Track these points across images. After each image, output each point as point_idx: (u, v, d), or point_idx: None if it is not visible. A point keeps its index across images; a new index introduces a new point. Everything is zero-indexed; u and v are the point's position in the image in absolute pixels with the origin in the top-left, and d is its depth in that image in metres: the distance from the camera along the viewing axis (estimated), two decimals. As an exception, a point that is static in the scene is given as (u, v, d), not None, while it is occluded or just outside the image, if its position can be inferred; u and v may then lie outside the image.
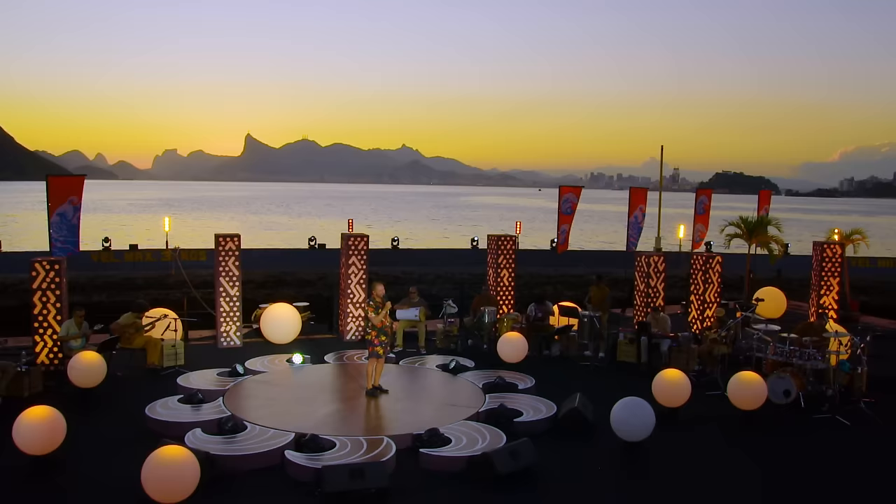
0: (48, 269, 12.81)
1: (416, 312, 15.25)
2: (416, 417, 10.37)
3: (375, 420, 10.52)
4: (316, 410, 10.55)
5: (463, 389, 11.85)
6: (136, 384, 12.29)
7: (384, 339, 11.29)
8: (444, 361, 13.39)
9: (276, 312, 15.31)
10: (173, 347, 13.29)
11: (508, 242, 17.07)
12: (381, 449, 8.95)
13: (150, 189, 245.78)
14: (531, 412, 10.53)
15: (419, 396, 11.77)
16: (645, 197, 20.55)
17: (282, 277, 31.66)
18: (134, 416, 10.34)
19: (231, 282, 15.04)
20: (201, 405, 10.62)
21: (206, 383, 11.71)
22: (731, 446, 9.93)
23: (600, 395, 11.24)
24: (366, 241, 15.82)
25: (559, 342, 15.12)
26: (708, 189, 21.28)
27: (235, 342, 15.10)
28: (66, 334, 12.33)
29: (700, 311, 16.50)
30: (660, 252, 16.91)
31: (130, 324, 13.00)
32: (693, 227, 21.02)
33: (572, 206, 18.94)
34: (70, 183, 14.71)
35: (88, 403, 11.15)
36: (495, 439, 9.35)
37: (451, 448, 9.10)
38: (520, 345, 13.55)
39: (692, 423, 10.73)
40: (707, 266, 16.43)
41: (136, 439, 9.30)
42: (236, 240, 15.11)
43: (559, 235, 18.65)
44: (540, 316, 15.26)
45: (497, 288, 16.89)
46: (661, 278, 16.79)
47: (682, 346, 14.01)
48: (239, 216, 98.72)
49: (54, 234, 14.42)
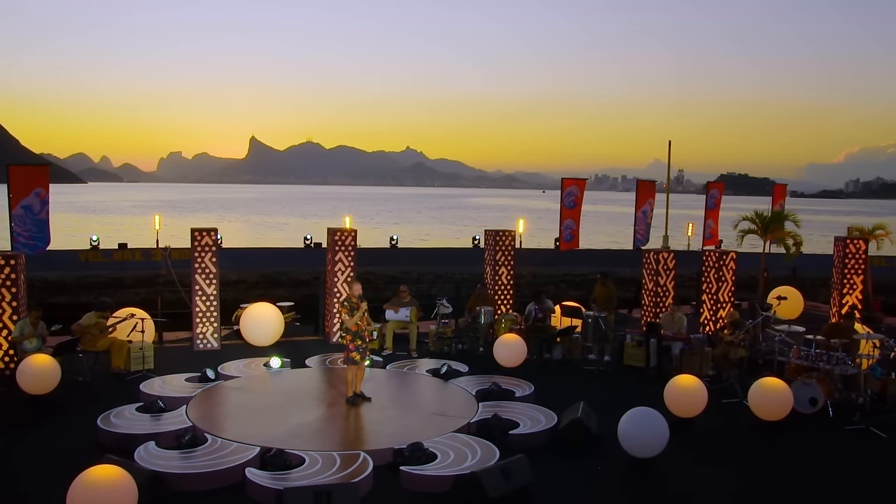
0: (3, 265, 11.77)
1: (406, 313, 14.16)
2: (398, 429, 9.26)
3: (353, 432, 9.41)
4: (288, 421, 9.44)
5: (454, 397, 10.75)
6: (95, 390, 11.23)
7: (360, 343, 10.18)
8: (435, 366, 12.31)
9: (256, 312, 14.23)
10: (140, 350, 12.23)
11: (507, 238, 15.97)
12: (357, 466, 7.86)
13: (155, 191, 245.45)
14: (528, 423, 9.42)
15: (404, 405, 10.64)
16: (653, 190, 19.46)
17: (276, 278, 30.68)
18: (85, 428, 9.26)
19: (208, 279, 13.94)
20: (161, 415, 9.55)
21: (171, 390, 10.64)
22: (754, 462, 8.81)
23: (606, 404, 10.18)
24: (353, 235, 14.72)
25: (561, 345, 14.01)
26: (720, 183, 20.16)
27: (213, 344, 14.02)
28: (21, 335, 11.28)
29: (713, 311, 15.38)
30: (668, 250, 15.83)
31: (93, 324, 11.91)
32: (703, 224, 19.93)
33: (575, 199, 17.84)
34: (34, 173, 13.67)
35: (38, 412, 10.09)
36: (487, 455, 8.25)
37: (435, 465, 8.00)
38: (518, 348, 12.44)
39: (709, 436, 9.62)
40: (720, 263, 15.31)
41: (80, 455, 8.18)
42: (213, 234, 14.02)
43: (562, 230, 17.56)
44: (540, 316, 14.15)
45: (494, 286, 15.79)
46: (671, 276, 15.69)
47: (695, 348, 12.90)
48: (241, 217, 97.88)
49: (17, 228, 13.38)
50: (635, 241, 19.28)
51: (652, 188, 19.42)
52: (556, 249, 35.21)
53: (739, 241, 20.20)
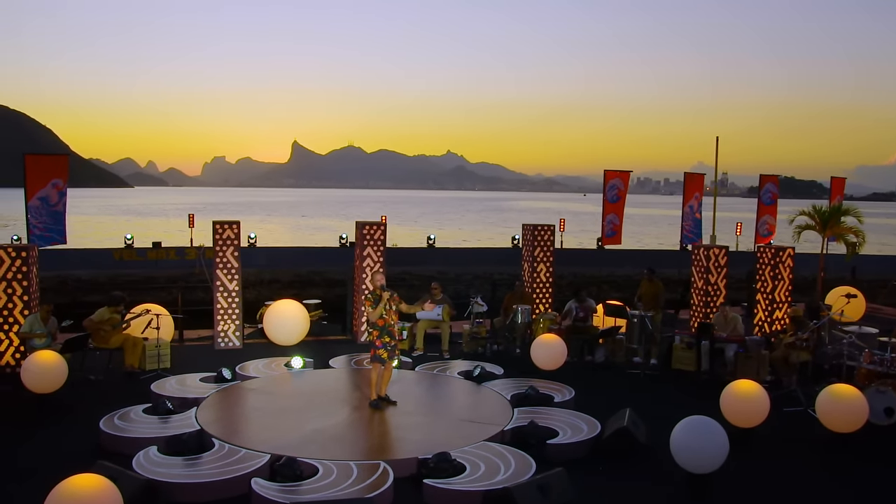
0: (14, 258, 11.21)
1: (438, 311, 13.29)
2: (424, 437, 8.42)
3: (374, 439, 8.57)
4: (304, 426, 8.65)
5: (487, 402, 9.86)
6: (106, 390, 10.58)
7: (388, 340, 9.35)
8: (468, 368, 11.44)
9: (280, 310, 13.50)
10: (156, 348, 11.58)
11: (546, 233, 15.03)
12: (376, 478, 7.03)
13: (198, 195, 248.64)
14: (569, 432, 8.49)
15: (432, 410, 9.78)
16: (701, 184, 18.33)
17: (310, 277, 30.14)
18: (90, 429, 8.58)
19: (230, 275, 13.27)
20: (169, 417, 8.84)
21: (183, 390, 9.94)
22: (824, 478, 7.79)
23: (654, 412, 9.27)
24: (383, 230, 13.93)
25: (604, 346, 13.03)
26: (774, 176, 19.01)
27: (234, 343, 13.35)
28: (30, 330, 10.70)
29: (768, 311, 14.24)
30: (720, 246, 14.76)
31: (105, 319, 11.28)
32: (757, 220, 18.76)
33: (618, 192, 16.82)
34: (52, 162, 13.15)
35: (43, 412, 9.47)
36: (522, 468, 7.34)
37: (463, 478, 7.12)
38: (557, 349, 11.50)
39: (771, 449, 8.59)
40: (776, 260, 14.17)
41: (77, 459, 7.48)
42: (235, 227, 13.34)
43: (604, 225, 16.56)
44: (581, 315, 13.18)
45: (533, 284, 14.86)
46: (723, 274, 14.57)
47: (751, 351, 11.85)
48: (282, 218, 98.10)
49: (33, 220, 12.85)
50: (682, 237, 18.18)
51: (700, 182, 18.30)
52: (599, 249, 34.13)
53: (796, 237, 18.96)
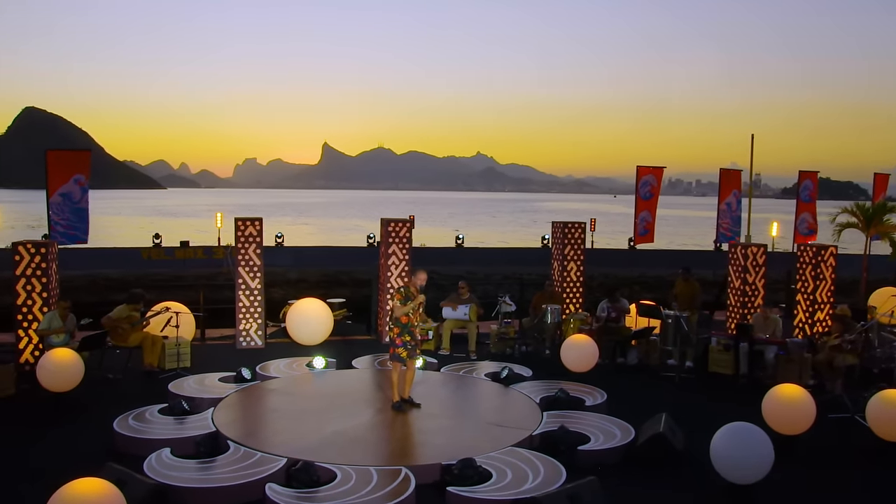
0: (33, 254, 11.04)
1: (465, 311, 12.91)
2: (448, 441, 8.02)
3: (395, 443, 8.18)
4: (323, 428, 8.28)
5: (515, 405, 9.44)
6: (123, 389, 10.34)
7: (408, 339, 8.96)
8: (495, 369, 11.02)
9: (303, 309, 13.19)
10: (176, 346, 11.33)
11: (577, 230, 14.56)
12: (397, 484, 6.65)
13: (230, 196, 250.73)
14: (601, 437, 8.03)
15: (458, 413, 9.37)
16: (739, 180, 17.68)
17: (337, 277, 29.87)
18: (102, 430, 8.31)
19: (252, 273, 13.00)
20: (185, 417, 8.54)
21: (201, 390, 9.65)
22: (876, 490, 7.25)
23: (690, 417, 8.82)
24: (408, 227, 13.58)
25: (637, 348, 12.55)
26: (813, 172, 18.31)
27: (257, 342, 13.07)
28: (48, 327, 10.50)
29: (809, 313, 13.65)
30: (758, 244, 14.18)
31: (124, 317, 11.06)
32: (796, 218, 18.09)
33: (651, 189, 16.25)
34: (74, 158, 12.94)
35: (59, 411, 9.27)
36: (551, 475, 6.91)
37: (489, 486, 6.71)
38: (588, 350, 11.05)
39: (818, 457, 8.06)
40: (818, 259, 13.58)
41: (88, 461, 7.18)
42: (258, 224, 13.06)
43: (637, 223, 16.03)
44: (613, 316, 12.70)
45: (563, 283, 14.40)
46: (761, 273, 13.99)
47: (793, 354, 11.29)
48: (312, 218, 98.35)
49: (55, 217, 12.66)
50: (719, 235, 17.56)
51: (737, 178, 17.65)
52: (630, 249, 33.47)
53: (836, 236, 18.27)
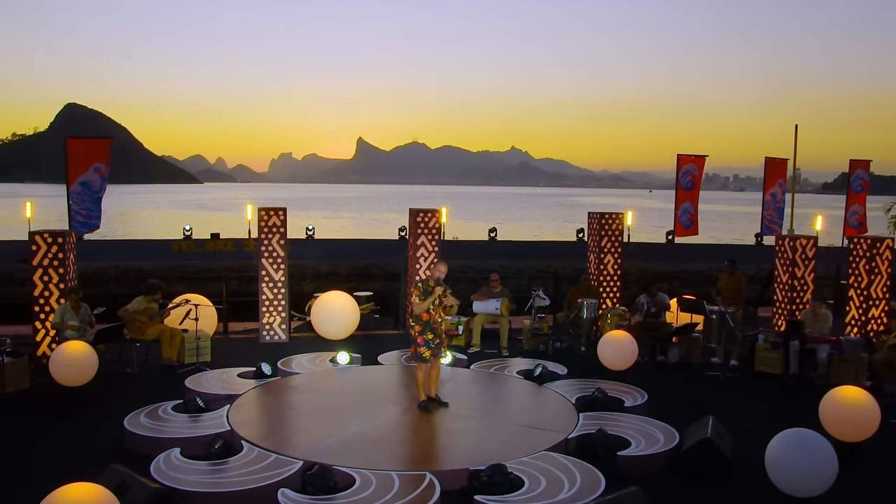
0: (50, 244, 10.71)
1: (496, 305, 12.31)
2: (477, 444, 7.45)
3: (420, 446, 7.64)
4: (343, 428, 7.77)
5: (548, 405, 8.84)
6: (140, 384, 9.97)
7: (432, 337, 8.39)
8: (528, 366, 10.43)
9: (329, 302, 12.73)
10: (196, 340, 10.92)
11: (614, 222, 13.91)
12: (420, 492, 6.12)
13: (266, 190, 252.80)
14: (642, 442, 7.41)
15: (487, 413, 8.75)
16: (785, 169, 16.82)
17: (368, 270, 29.49)
18: (113, 427, 7.90)
19: (275, 264, 12.57)
20: (200, 415, 8.10)
21: (218, 386, 9.21)
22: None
23: (737, 419, 8.18)
24: (437, 217, 13.04)
25: (678, 345, 11.87)
26: (866, 161, 17.38)
27: (280, 336, 12.65)
28: (61, 321, 10.15)
29: (862, 310, 12.83)
30: (808, 236, 13.40)
31: (142, 310, 10.67)
32: (846, 210, 17.19)
33: (693, 178, 15.49)
34: (94, 146, 12.63)
35: (72, 405, 8.91)
36: (589, 484, 6.32)
37: (521, 496, 6.13)
38: (627, 347, 10.41)
39: (882, 467, 7.36)
40: (873, 252, 12.75)
41: (92, 461, 6.78)
42: (281, 214, 12.62)
43: (678, 216, 15.29)
44: (653, 311, 12.02)
45: (599, 277, 13.75)
46: (811, 267, 13.19)
47: (848, 353, 10.55)
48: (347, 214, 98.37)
49: (75, 206, 12.36)
50: (763, 227, 16.74)
51: (783, 167, 16.78)
52: (668, 243, 32.58)
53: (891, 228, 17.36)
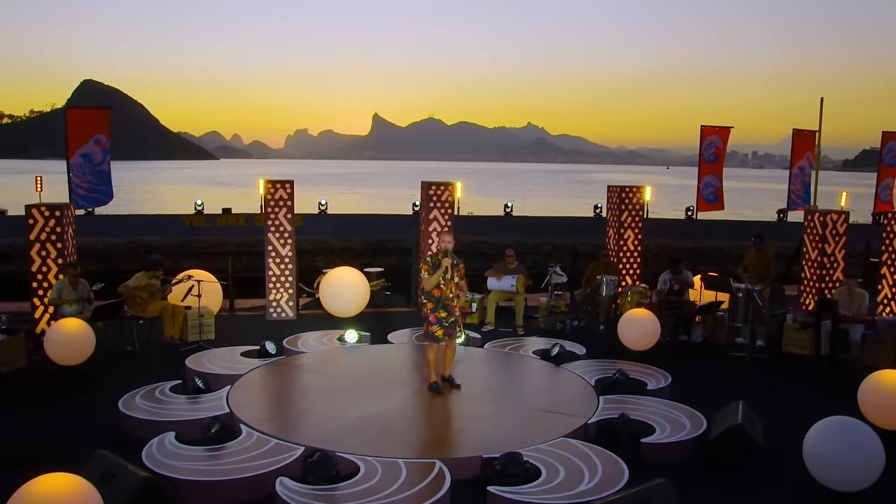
0: (48, 217, 10.32)
1: (512, 281, 11.82)
2: (491, 430, 6.99)
3: (430, 431, 7.20)
4: (348, 412, 7.33)
5: (566, 387, 8.37)
6: (139, 363, 9.59)
7: (445, 315, 7.90)
8: (545, 346, 9.96)
9: (338, 278, 12.28)
10: (199, 317, 10.52)
11: (635, 195, 13.34)
12: (429, 481, 5.68)
13: (282, 167, 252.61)
14: (668, 428, 6.92)
15: (502, 396, 8.27)
16: (812, 142, 16.11)
17: (383, 245, 29.07)
18: (108, 409, 7.51)
19: (282, 239, 12.14)
20: (199, 396, 7.70)
21: (219, 366, 8.80)
22: None
23: (767, 404, 7.72)
24: (451, 190, 12.53)
25: (702, 324, 11.35)
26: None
27: (288, 313, 12.24)
28: (58, 296, 9.76)
29: (896, 287, 12.26)
30: (839, 211, 12.81)
31: (143, 286, 10.27)
32: (877, 185, 16.50)
33: (716, 151, 14.82)
34: (94, 117, 12.13)
35: (68, 385, 8.56)
36: (611, 474, 5.85)
37: (537, 487, 5.68)
38: (650, 326, 9.90)
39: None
40: (907, 227, 12.16)
41: (81, 445, 6.38)
42: (288, 187, 12.17)
43: (701, 189, 14.68)
44: (676, 288, 11.49)
45: (619, 253, 13.21)
46: (842, 244, 12.60)
47: (883, 334, 10.01)
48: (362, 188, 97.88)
49: (75, 178, 11.91)
50: (789, 202, 16.09)
51: (811, 139, 16.07)
52: (688, 219, 31.90)
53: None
